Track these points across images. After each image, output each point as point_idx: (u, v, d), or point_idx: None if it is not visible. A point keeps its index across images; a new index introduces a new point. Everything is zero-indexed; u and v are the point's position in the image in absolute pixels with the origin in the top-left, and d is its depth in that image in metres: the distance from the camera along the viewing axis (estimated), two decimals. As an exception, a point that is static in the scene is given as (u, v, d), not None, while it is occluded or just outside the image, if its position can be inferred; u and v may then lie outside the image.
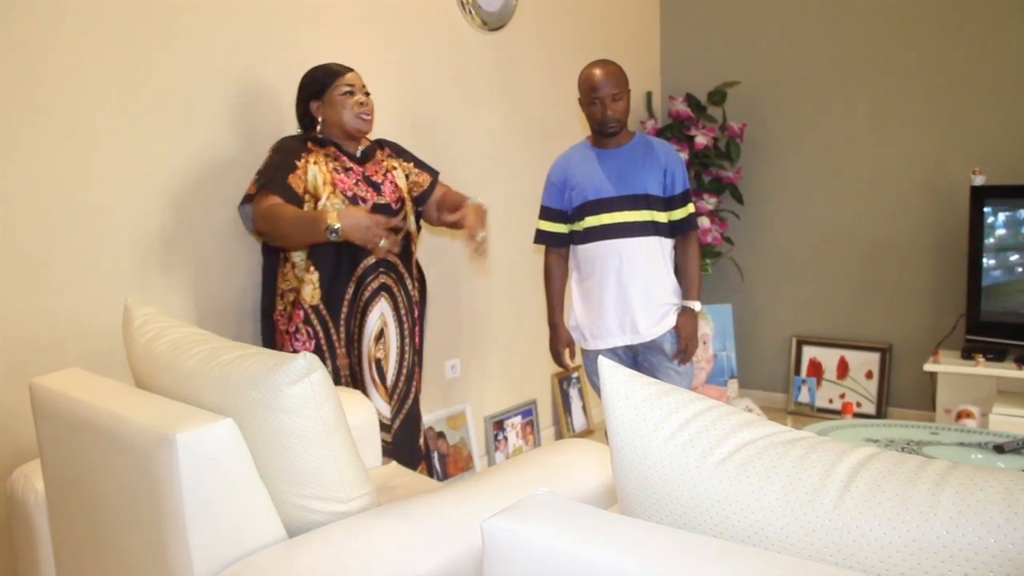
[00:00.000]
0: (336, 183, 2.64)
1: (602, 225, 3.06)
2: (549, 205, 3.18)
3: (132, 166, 2.59)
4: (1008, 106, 4.08)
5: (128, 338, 1.97)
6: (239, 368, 1.62)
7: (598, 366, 1.17)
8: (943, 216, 4.28)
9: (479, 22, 3.80)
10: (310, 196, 2.61)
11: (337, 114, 2.70)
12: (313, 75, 2.74)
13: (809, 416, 4.71)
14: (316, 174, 2.62)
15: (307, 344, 2.64)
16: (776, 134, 4.75)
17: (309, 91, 2.73)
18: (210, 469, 1.49)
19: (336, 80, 2.71)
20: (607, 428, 1.13)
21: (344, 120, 2.70)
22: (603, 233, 3.06)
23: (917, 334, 4.42)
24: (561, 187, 3.14)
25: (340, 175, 2.66)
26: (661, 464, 1.04)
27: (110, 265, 2.56)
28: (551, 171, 3.20)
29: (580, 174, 3.10)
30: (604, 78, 3.02)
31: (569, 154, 3.21)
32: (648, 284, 3.06)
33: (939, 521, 0.84)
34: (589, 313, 3.16)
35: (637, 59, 4.92)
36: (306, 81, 2.75)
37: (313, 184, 2.61)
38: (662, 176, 3.08)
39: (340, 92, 2.70)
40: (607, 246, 3.06)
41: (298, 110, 2.77)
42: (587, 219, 3.08)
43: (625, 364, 2.94)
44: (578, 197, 3.09)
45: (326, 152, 2.69)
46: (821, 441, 1.01)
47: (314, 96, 2.72)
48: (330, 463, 1.63)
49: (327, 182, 2.62)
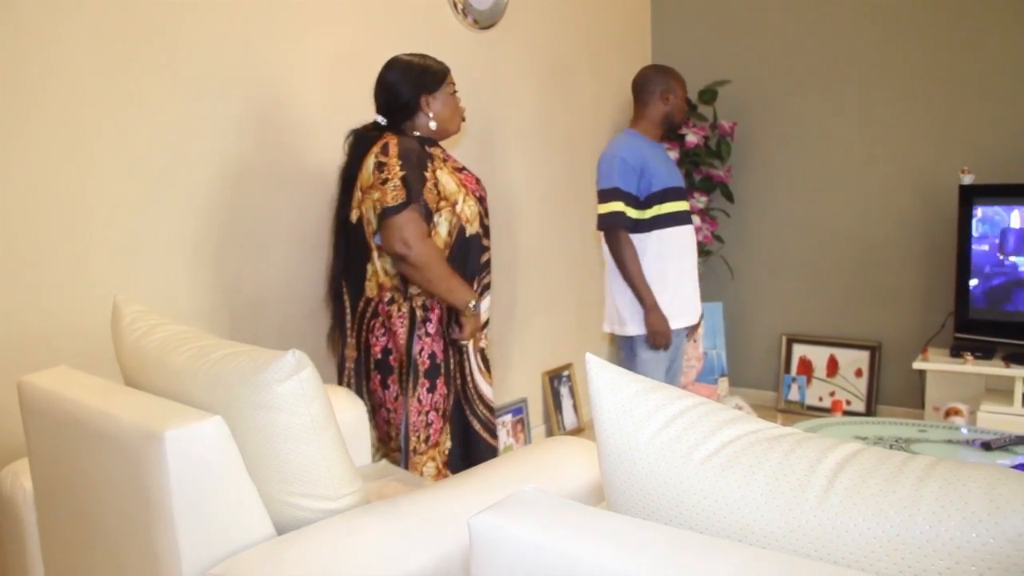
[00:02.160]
0: (465, 184, 2.67)
1: (682, 211, 3.31)
2: (628, 190, 3.21)
3: (121, 165, 2.59)
4: (997, 105, 4.10)
5: (117, 336, 1.97)
6: (228, 365, 1.62)
7: (586, 363, 1.17)
8: (932, 215, 4.30)
9: (470, 20, 3.80)
10: (445, 201, 2.59)
11: (447, 112, 2.70)
12: (427, 67, 2.68)
13: (799, 414, 4.72)
14: (448, 179, 2.62)
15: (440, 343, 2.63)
16: (767, 133, 4.77)
17: (423, 84, 2.66)
18: (199, 466, 1.49)
19: (448, 76, 2.72)
20: (594, 424, 1.13)
21: (450, 120, 2.72)
22: (683, 219, 3.31)
23: (906, 332, 4.44)
24: (640, 172, 3.22)
25: (461, 175, 2.69)
26: (647, 460, 1.05)
27: (99, 263, 2.56)
28: (625, 155, 3.22)
29: (655, 162, 3.25)
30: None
31: (635, 142, 3.29)
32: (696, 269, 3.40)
33: (922, 516, 0.85)
34: (667, 294, 3.26)
35: (628, 57, 4.93)
36: (419, 72, 2.67)
37: (448, 190, 2.61)
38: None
39: (451, 91, 2.72)
40: (687, 231, 3.33)
41: (399, 99, 2.66)
42: (669, 204, 3.26)
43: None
44: (659, 183, 3.23)
45: (436, 154, 2.68)
46: (806, 437, 1.01)
47: (428, 90, 2.67)
48: (319, 460, 1.63)
49: (459, 184, 2.64)
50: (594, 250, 4.72)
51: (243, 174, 2.92)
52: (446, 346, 2.65)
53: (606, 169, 3.25)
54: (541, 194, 4.31)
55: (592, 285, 4.71)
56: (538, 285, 4.32)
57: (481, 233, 2.70)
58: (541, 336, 4.38)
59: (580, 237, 4.62)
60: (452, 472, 2.68)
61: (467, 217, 2.64)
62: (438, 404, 2.62)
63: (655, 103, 3.35)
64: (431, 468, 2.64)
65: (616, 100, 4.83)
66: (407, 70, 2.67)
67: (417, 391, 2.59)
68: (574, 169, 4.53)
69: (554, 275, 4.43)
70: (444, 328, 2.65)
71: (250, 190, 2.95)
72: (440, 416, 2.63)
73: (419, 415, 2.59)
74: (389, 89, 2.68)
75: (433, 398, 2.61)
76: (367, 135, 2.68)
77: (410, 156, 2.53)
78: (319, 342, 3.18)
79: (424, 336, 2.60)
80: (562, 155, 4.44)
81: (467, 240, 2.65)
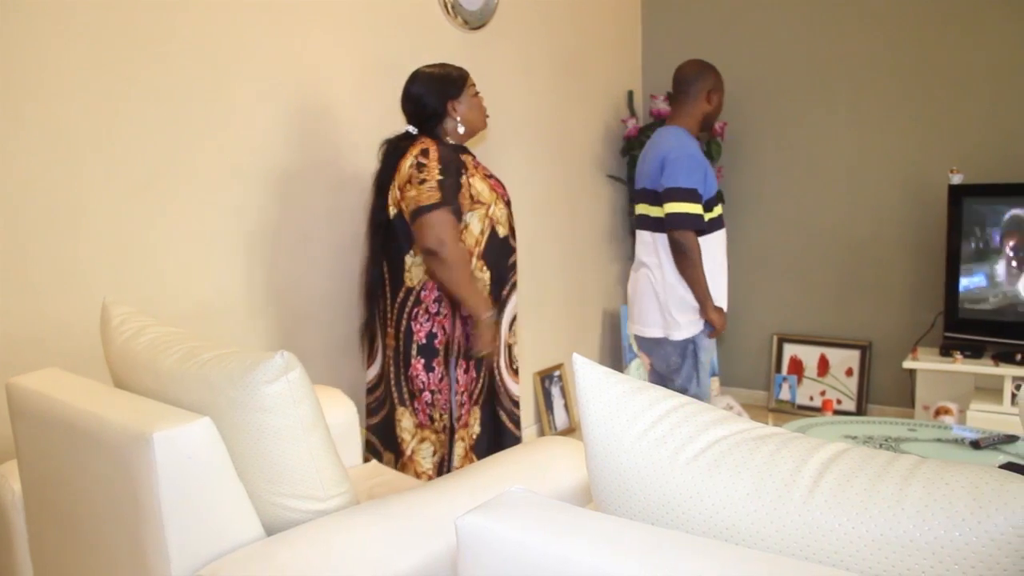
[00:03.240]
0: (496, 189, 2.82)
1: (722, 215, 3.31)
2: (701, 190, 3.12)
3: (111, 166, 2.58)
4: (986, 105, 4.12)
5: (106, 337, 1.97)
6: (217, 367, 1.62)
7: (574, 363, 1.17)
8: (922, 215, 4.32)
9: (460, 21, 3.80)
10: (480, 204, 2.75)
11: (473, 113, 2.85)
12: (448, 75, 2.83)
13: (790, 413, 4.73)
14: (481, 185, 2.77)
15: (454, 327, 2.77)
16: (757, 133, 4.78)
17: (448, 90, 2.80)
18: (187, 468, 1.49)
19: (469, 79, 2.86)
20: (582, 424, 1.13)
21: (477, 120, 2.87)
22: (724, 222, 3.32)
23: (896, 332, 4.46)
24: (704, 174, 3.15)
25: (492, 181, 2.84)
26: (634, 460, 1.05)
27: (89, 264, 2.55)
28: (699, 156, 3.15)
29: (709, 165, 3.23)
30: None
31: (693, 140, 3.20)
32: None
33: (906, 515, 0.85)
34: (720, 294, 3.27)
35: (618, 58, 4.94)
36: (441, 79, 2.82)
37: (482, 195, 2.76)
38: None
39: (473, 93, 2.87)
40: (725, 234, 3.33)
41: (426, 108, 2.80)
42: (719, 207, 3.26)
43: None
44: (713, 186, 3.20)
45: (469, 161, 2.81)
46: (793, 437, 1.02)
47: (454, 96, 2.81)
48: (308, 461, 1.63)
49: (491, 189, 2.80)
50: (586, 251, 4.73)
51: (238, 176, 2.92)
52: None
53: (685, 167, 3.09)
54: (532, 195, 4.31)
55: (582, 285, 4.72)
56: (529, 286, 4.32)
57: (510, 236, 2.87)
58: (532, 337, 4.38)
59: (571, 238, 4.62)
60: (478, 457, 2.84)
61: (498, 219, 2.80)
62: (472, 387, 2.80)
63: (698, 101, 3.20)
64: (460, 448, 2.80)
65: (607, 100, 4.84)
66: (430, 81, 2.82)
67: (456, 372, 2.75)
68: (565, 170, 4.53)
69: (545, 276, 4.44)
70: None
71: (245, 192, 2.94)
72: (470, 400, 2.80)
73: (457, 395, 2.77)
74: (416, 101, 2.83)
75: (467, 379, 2.78)
76: (400, 144, 2.82)
77: (449, 163, 2.69)
78: (315, 343, 3.18)
79: (459, 318, 2.76)
80: (553, 156, 4.45)
81: (499, 241, 2.82)
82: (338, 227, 3.18)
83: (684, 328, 3.21)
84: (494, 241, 2.80)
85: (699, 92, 3.20)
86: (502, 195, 2.84)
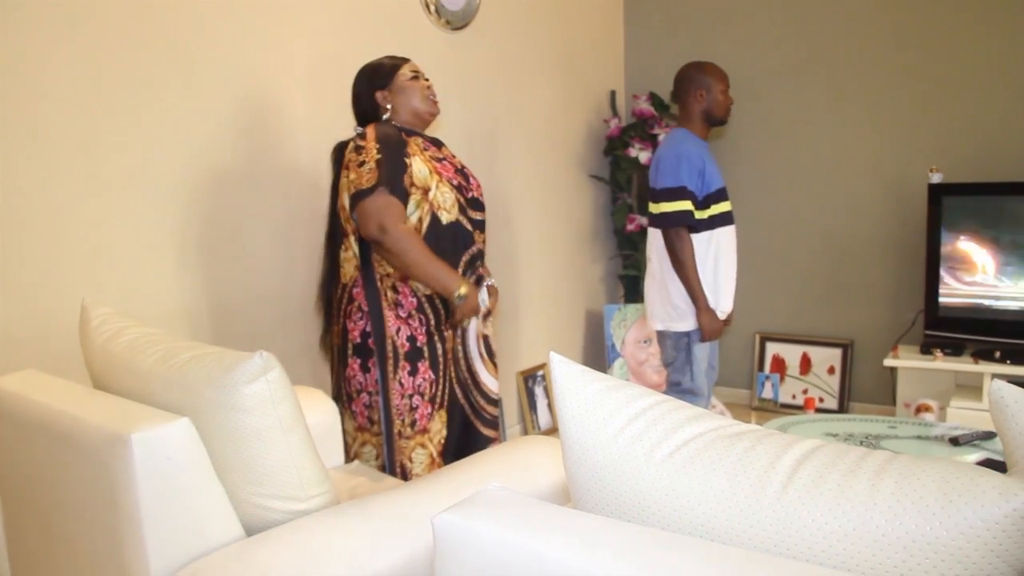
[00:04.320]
0: (440, 172, 2.64)
1: (729, 211, 3.41)
2: (693, 189, 3.26)
3: (90, 166, 2.57)
4: (965, 105, 4.15)
5: (85, 338, 1.96)
6: (196, 367, 1.62)
7: (550, 361, 1.17)
8: (902, 213, 4.34)
9: (442, 21, 3.80)
10: (417, 188, 2.56)
11: (408, 99, 2.69)
12: (376, 66, 2.72)
13: (773, 412, 4.75)
14: (420, 166, 2.59)
15: (420, 329, 2.60)
16: (738, 132, 4.79)
17: (375, 81, 2.70)
18: (166, 469, 1.49)
19: (402, 67, 2.71)
20: (558, 422, 1.14)
21: (415, 104, 2.70)
22: (730, 218, 3.42)
23: (878, 330, 4.48)
24: (703, 171, 3.27)
25: (438, 163, 2.66)
26: (610, 459, 1.05)
27: (67, 265, 2.54)
28: (692, 155, 3.27)
29: (710, 162, 3.32)
30: (726, 74, 3.39)
31: (693, 141, 3.34)
32: None
33: (878, 510, 0.86)
34: (722, 291, 3.39)
35: (601, 58, 4.95)
36: (369, 72, 2.72)
37: (420, 176, 2.58)
38: None
39: (407, 77, 2.70)
40: (733, 231, 3.43)
41: (360, 104, 2.72)
42: (723, 204, 3.36)
43: None
44: (714, 183, 3.31)
45: (415, 142, 2.66)
46: (767, 434, 1.02)
47: (381, 86, 2.69)
48: (288, 461, 1.63)
49: (432, 171, 2.62)
50: (569, 250, 4.73)
51: (218, 176, 2.91)
52: (430, 332, 2.62)
53: (671, 166, 3.27)
54: (515, 195, 4.31)
55: (567, 284, 4.72)
56: (512, 285, 4.32)
57: (463, 222, 2.67)
58: (516, 336, 4.39)
59: (554, 237, 4.63)
60: (446, 462, 2.67)
61: (440, 204, 2.61)
62: (423, 389, 2.60)
63: (692, 102, 3.38)
64: (422, 455, 2.62)
65: (590, 100, 4.85)
66: (361, 75, 2.74)
67: (398, 374, 2.57)
68: (548, 169, 4.54)
69: (527, 275, 4.44)
70: (426, 314, 2.62)
71: (225, 192, 2.93)
72: (427, 402, 2.61)
73: (402, 398, 2.57)
74: (354, 97, 2.75)
75: (416, 381, 2.59)
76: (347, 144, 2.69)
77: (389, 140, 2.54)
78: (297, 344, 3.18)
79: (399, 318, 2.58)
80: (536, 156, 4.45)
81: (444, 228, 2.62)
82: (319, 227, 3.16)
83: (679, 321, 3.36)
84: (437, 227, 2.59)
85: (688, 93, 3.38)
86: (450, 178, 2.65)
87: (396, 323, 2.59)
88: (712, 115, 3.37)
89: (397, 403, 2.58)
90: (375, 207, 2.46)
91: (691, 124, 3.40)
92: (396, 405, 2.58)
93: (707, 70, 3.37)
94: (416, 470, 2.62)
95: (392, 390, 2.58)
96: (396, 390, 2.57)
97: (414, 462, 2.62)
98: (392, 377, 2.58)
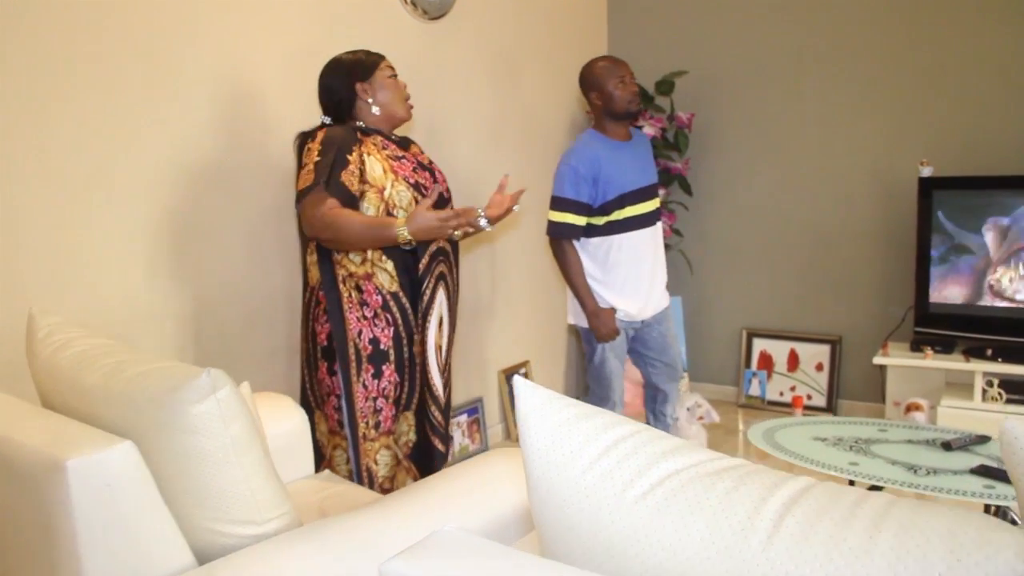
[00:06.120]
0: (396, 170, 2.60)
1: (641, 214, 3.29)
2: (577, 199, 3.21)
3: (45, 166, 2.45)
4: (956, 97, 4.05)
5: (31, 351, 1.84)
6: (142, 385, 1.51)
7: (514, 386, 1.07)
8: (892, 208, 4.25)
9: (419, 11, 3.68)
10: (370, 186, 2.53)
11: (387, 97, 2.68)
12: (357, 58, 2.68)
13: (760, 409, 4.67)
14: (374, 164, 2.56)
15: (387, 331, 2.57)
16: (724, 124, 4.70)
17: (356, 74, 2.65)
18: (105, 497, 1.38)
19: (382, 62, 2.70)
20: (523, 454, 1.03)
21: (394, 104, 2.69)
22: (642, 222, 3.29)
23: (867, 326, 4.40)
24: (593, 180, 3.20)
25: (395, 162, 2.62)
26: (577, 497, 0.95)
27: (23, 270, 2.41)
28: (578, 165, 3.20)
29: (612, 166, 3.22)
30: (619, 61, 3.29)
31: (592, 147, 3.26)
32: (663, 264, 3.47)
33: (876, 567, 0.76)
34: (625, 295, 3.30)
35: (584, 48, 4.83)
36: (348, 64, 2.67)
37: (373, 175, 2.54)
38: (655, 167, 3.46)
39: (387, 75, 2.70)
40: (645, 234, 3.31)
41: (334, 95, 2.67)
42: (627, 209, 3.25)
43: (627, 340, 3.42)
44: (615, 189, 3.21)
45: (373, 141, 2.62)
46: (752, 471, 0.92)
47: (361, 78, 2.66)
48: (242, 484, 1.52)
49: (387, 170, 2.58)
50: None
51: (185, 174, 2.79)
52: (398, 334, 2.59)
53: (559, 177, 3.26)
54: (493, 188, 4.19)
55: (549, 280, 4.62)
56: (493, 281, 4.22)
57: None
58: (497, 333, 4.28)
59: (536, 232, 4.52)
60: (415, 464, 2.69)
61: (396, 203, 2.57)
62: (387, 391, 2.59)
63: (593, 103, 3.33)
64: (386, 456, 2.62)
65: (571, 92, 4.73)
66: (338, 66, 2.70)
67: (362, 376, 2.56)
68: (528, 163, 4.43)
69: (509, 270, 4.34)
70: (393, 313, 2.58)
71: (193, 190, 2.82)
72: (391, 404, 2.60)
73: (366, 401, 2.57)
74: (326, 88, 2.70)
75: (380, 384, 2.58)
76: (313, 135, 2.65)
77: (331, 141, 2.52)
78: (269, 345, 3.07)
79: (363, 319, 2.56)
80: (516, 149, 4.34)
81: None
82: (290, 223, 3.05)
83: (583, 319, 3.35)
84: None
85: (588, 95, 3.33)
86: (407, 176, 2.60)
87: (358, 325, 2.57)
88: (615, 111, 3.25)
89: (361, 406, 2.58)
90: (304, 206, 2.47)
91: (599, 125, 3.34)
92: (360, 408, 2.58)
93: (595, 69, 3.29)
94: (382, 472, 2.63)
95: (356, 393, 2.58)
96: (360, 393, 2.57)
97: (379, 464, 2.62)
98: (355, 380, 2.57)
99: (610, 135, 3.30)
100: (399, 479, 2.67)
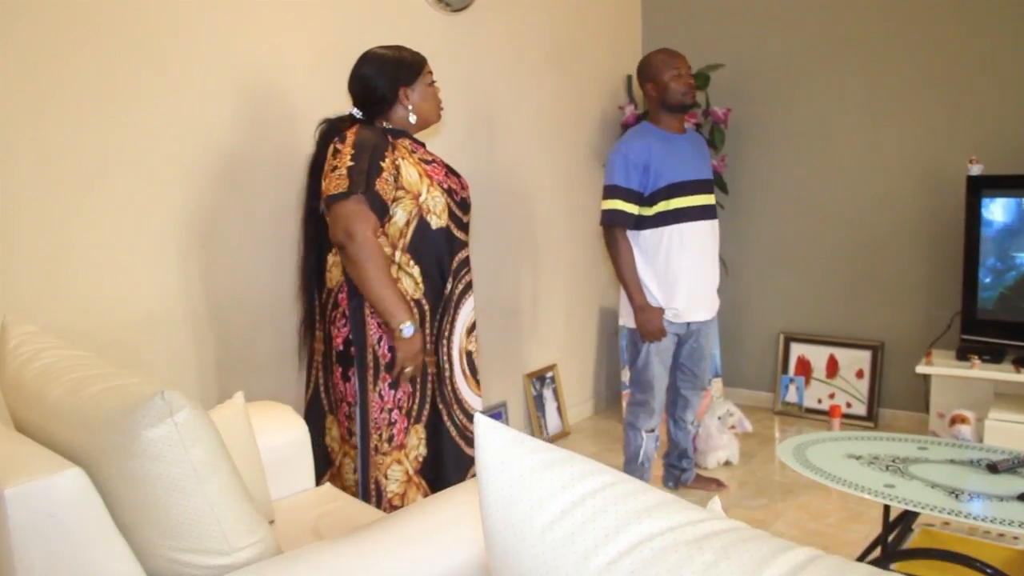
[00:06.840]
0: (431, 175, 2.53)
1: (692, 207, 3.24)
2: (629, 186, 3.21)
3: (44, 164, 2.35)
4: (1007, 91, 3.83)
5: (1, 363, 1.74)
6: (100, 405, 1.39)
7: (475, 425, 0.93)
8: (939, 207, 4.04)
9: (441, 3, 3.55)
10: (405, 192, 2.45)
11: (427, 104, 2.61)
12: (403, 59, 2.57)
13: (797, 416, 4.49)
14: (409, 169, 2.48)
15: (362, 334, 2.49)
16: (762, 120, 4.51)
17: (401, 76, 2.55)
18: (49, 528, 1.27)
19: (425, 67, 2.62)
20: (480, 506, 0.89)
21: (431, 111, 2.63)
22: (694, 214, 3.24)
23: (911, 332, 4.19)
24: (644, 168, 3.20)
25: (428, 166, 2.55)
26: (535, 562, 0.81)
27: (20, 272, 2.32)
28: (628, 152, 3.22)
29: (663, 155, 3.21)
30: (676, 53, 3.28)
31: (644, 136, 3.27)
32: (716, 264, 3.39)
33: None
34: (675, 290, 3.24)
35: (617, 40, 4.67)
36: (394, 64, 2.55)
37: (409, 180, 2.46)
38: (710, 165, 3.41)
39: (429, 82, 2.62)
40: (698, 228, 3.25)
41: (374, 92, 2.54)
42: (685, 199, 3.22)
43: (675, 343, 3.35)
44: (664, 178, 3.20)
45: (403, 144, 2.54)
46: (741, 540, 0.77)
47: (406, 83, 2.56)
48: (205, 512, 1.40)
49: (423, 175, 2.50)
50: (582, 245, 4.48)
51: (185, 170, 2.69)
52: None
53: (609, 165, 3.26)
54: (519, 186, 4.06)
55: (579, 282, 4.48)
56: (520, 283, 4.09)
57: (452, 227, 2.56)
58: (523, 336, 4.15)
59: (567, 231, 4.38)
60: (426, 480, 2.58)
61: (430, 209, 2.49)
62: (401, 403, 2.50)
63: (648, 95, 3.33)
64: (397, 471, 2.52)
65: (604, 86, 4.58)
66: (383, 64, 2.56)
67: (378, 386, 2.47)
68: (558, 160, 4.28)
69: (537, 271, 4.20)
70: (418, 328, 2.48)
71: (201, 189, 2.72)
72: (404, 416, 2.51)
73: (381, 412, 2.48)
74: (365, 84, 2.57)
75: (396, 395, 2.49)
76: (338, 125, 2.59)
77: (365, 145, 2.42)
78: (279, 349, 2.96)
79: (383, 326, 2.46)
80: (545, 146, 4.20)
81: (433, 233, 2.51)
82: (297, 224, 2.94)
83: (630, 318, 3.31)
84: (425, 232, 2.48)
85: (643, 88, 3.34)
86: (440, 182, 2.54)
87: (378, 331, 2.47)
88: (668, 104, 3.27)
89: (375, 416, 2.48)
90: (344, 212, 2.36)
91: (653, 117, 3.36)
92: (375, 419, 2.48)
93: (652, 61, 3.29)
94: (391, 487, 2.52)
95: (371, 403, 2.48)
96: (375, 403, 2.47)
97: (390, 479, 2.52)
98: (372, 389, 2.47)
99: (663, 127, 3.30)
100: (409, 496, 2.55)
